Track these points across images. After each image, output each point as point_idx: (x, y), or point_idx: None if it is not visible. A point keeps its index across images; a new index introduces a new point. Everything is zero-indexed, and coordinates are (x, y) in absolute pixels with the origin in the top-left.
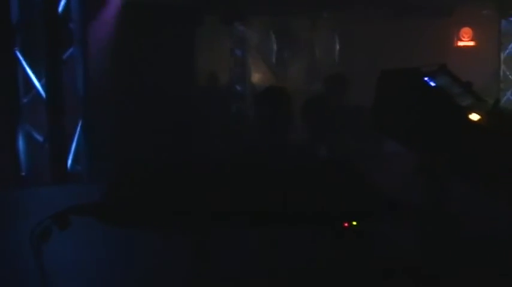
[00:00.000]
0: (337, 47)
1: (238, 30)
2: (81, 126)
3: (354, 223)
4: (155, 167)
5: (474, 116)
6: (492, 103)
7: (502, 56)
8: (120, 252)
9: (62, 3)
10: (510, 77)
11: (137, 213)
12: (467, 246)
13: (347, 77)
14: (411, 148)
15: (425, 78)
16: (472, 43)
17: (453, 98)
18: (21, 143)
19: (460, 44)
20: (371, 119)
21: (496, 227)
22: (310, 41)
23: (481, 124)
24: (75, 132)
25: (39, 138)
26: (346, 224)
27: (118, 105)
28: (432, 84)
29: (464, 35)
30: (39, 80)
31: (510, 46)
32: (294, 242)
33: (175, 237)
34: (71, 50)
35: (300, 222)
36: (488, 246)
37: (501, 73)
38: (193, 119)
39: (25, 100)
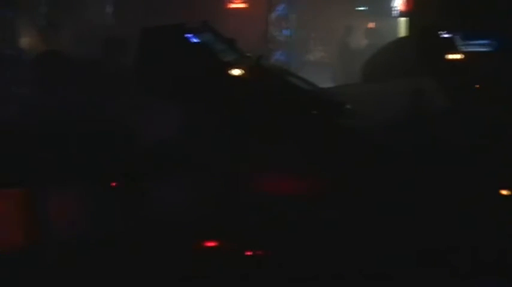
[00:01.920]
0: (110, 9)
1: None
2: None
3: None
4: None
5: (236, 71)
6: (255, 59)
7: (271, 17)
8: None
9: None
10: (278, 38)
11: None
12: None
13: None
14: (177, 103)
15: (188, 35)
16: (242, 5)
17: (216, 54)
18: None
19: (231, 6)
20: (136, 77)
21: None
22: (82, 3)
23: (242, 78)
24: None
25: None
26: (113, 183)
27: None
28: (194, 40)
29: None
30: None
31: (278, 8)
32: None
33: None
34: None
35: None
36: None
37: (270, 34)
38: None
39: None
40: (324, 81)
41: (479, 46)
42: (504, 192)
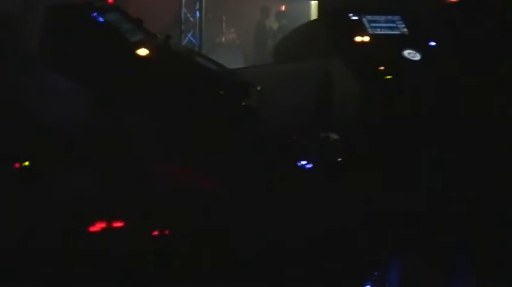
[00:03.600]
0: None
1: None
2: None
3: (26, 163)
4: None
5: (143, 51)
6: (163, 40)
7: None
8: None
9: None
10: (191, 19)
11: None
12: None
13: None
14: (83, 83)
15: (94, 14)
16: None
17: (122, 34)
18: None
19: None
20: (41, 56)
21: None
22: None
23: (150, 58)
24: None
25: None
26: (17, 165)
27: None
28: (101, 19)
29: None
30: None
31: None
32: None
33: None
34: None
35: None
36: None
37: (182, 15)
38: None
39: None
40: (236, 63)
41: (388, 29)
42: None
